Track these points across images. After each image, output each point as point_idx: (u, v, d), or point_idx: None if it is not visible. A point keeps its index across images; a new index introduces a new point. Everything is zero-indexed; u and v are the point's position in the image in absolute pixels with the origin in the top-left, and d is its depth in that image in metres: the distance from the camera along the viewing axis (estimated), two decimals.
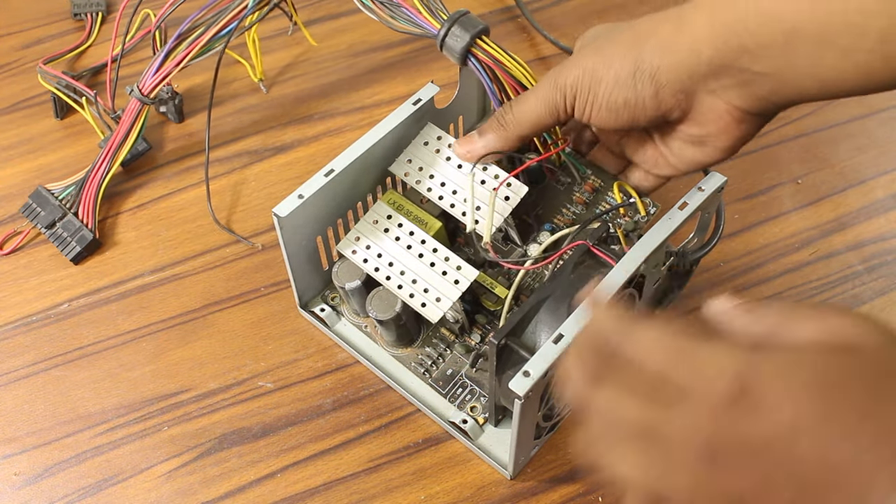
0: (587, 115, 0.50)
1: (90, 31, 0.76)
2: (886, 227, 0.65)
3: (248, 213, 0.66)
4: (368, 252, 0.53)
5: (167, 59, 0.62)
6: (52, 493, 0.54)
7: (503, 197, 0.53)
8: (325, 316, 0.59)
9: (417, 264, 0.53)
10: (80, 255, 0.63)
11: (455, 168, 0.55)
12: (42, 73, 0.71)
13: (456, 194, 0.54)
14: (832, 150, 0.69)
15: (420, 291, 0.52)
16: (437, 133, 0.56)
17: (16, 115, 0.72)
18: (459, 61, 0.55)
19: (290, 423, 0.56)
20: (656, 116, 0.49)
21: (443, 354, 0.56)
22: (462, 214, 0.54)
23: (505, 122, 0.53)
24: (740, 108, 0.47)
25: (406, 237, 0.53)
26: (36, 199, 0.65)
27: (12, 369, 0.59)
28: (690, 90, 0.47)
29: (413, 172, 0.56)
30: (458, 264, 0.52)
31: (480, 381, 0.55)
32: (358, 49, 0.76)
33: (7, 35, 0.78)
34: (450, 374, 0.55)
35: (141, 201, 0.67)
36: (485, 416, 0.54)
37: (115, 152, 0.64)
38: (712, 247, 0.56)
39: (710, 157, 0.51)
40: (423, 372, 0.56)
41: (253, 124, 0.71)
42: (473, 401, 0.54)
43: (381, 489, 0.54)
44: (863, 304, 0.61)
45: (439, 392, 0.55)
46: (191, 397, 0.57)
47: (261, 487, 0.54)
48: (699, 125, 0.49)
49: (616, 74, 0.48)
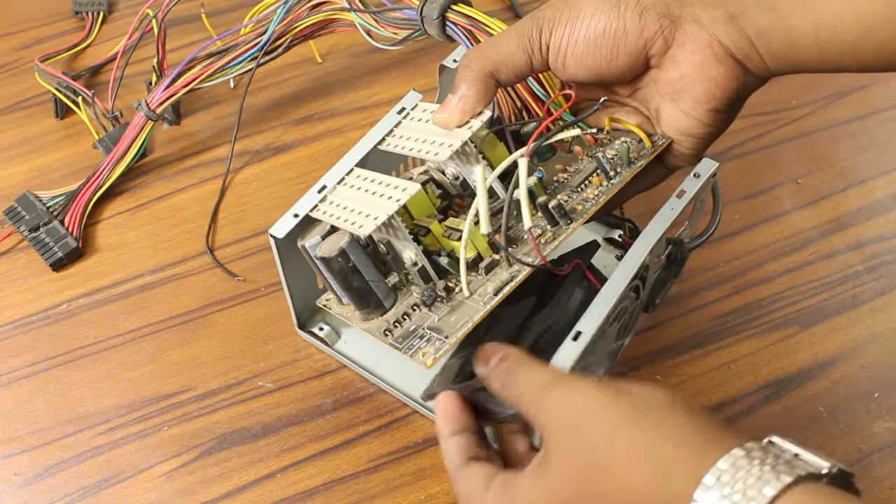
0: (563, 54, 0.47)
1: (90, 29, 0.76)
2: (886, 227, 0.65)
3: (248, 214, 0.66)
4: (330, 206, 0.50)
5: (178, 78, 0.64)
6: (52, 493, 0.54)
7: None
8: (324, 335, 0.58)
9: (362, 196, 0.49)
10: (59, 261, 0.63)
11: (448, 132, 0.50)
12: (40, 72, 0.71)
13: (429, 143, 0.50)
14: (832, 150, 0.69)
15: (356, 215, 0.48)
16: (423, 107, 0.53)
17: (16, 115, 0.72)
18: (439, 31, 0.55)
19: (290, 423, 0.56)
20: (638, 48, 0.46)
21: (409, 314, 0.49)
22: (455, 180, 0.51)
23: (469, 61, 0.48)
24: (723, 44, 0.45)
25: (359, 182, 0.50)
26: (22, 203, 0.65)
27: (12, 369, 0.59)
28: (675, 16, 0.45)
29: (399, 142, 0.52)
30: (397, 184, 0.48)
31: (440, 327, 0.47)
32: (358, 49, 0.76)
33: (7, 35, 0.78)
34: (412, 330, 0.48)
35: (141, 201, 0.67)
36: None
37: (115, 164, 0.65)
38: (713, 231, 0.56)
39: (689, 118, 0.47)
40: (384, 332, 0.49)
41: (253, 124, 0.71)
42: (427, 346, 0.47)
43: (382, 489, 0.54)
44: (863, 303, 0.61)
45: (397, 349, 0.48)
46: (191, 397, 0.57)
47: (261, 487, 0.54)
48: (676, 63, 0.46)
49: (597, 1, 0.46)
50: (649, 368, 0.58)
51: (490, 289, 0.47)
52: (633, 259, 0.48)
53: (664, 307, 0.60)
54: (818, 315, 0.61)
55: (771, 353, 0.59)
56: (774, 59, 0.45)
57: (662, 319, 0.60)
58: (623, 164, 0.49)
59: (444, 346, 0.45)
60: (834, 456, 0.54)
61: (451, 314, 0.47)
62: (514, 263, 0.47)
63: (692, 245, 0.55)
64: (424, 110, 0.52)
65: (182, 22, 0.76)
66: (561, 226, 0.47)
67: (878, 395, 0.57)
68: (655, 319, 0.60)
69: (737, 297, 0.61)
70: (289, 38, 0.64)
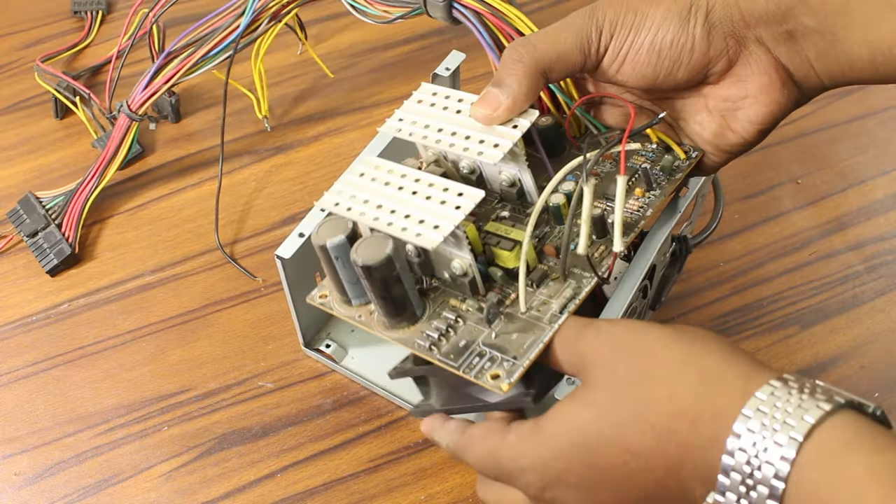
0: (621, 59, 0.45)
1: (89, 29, 0.76)
2: (886, 227, 0.65)
3: (248, 214, 0.66)
4: (353, 201, 0.45)
5: (157, 75, 0.61)
6: (52, 493, 0.54)
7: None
8: (331, 352, 0.58)
9: (411, 199, 0.44)
10: (56, 268, 0.63)
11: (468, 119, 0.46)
12: (39, 72, 0.71)
13: (471, 139, 0.45)
14: (832, 150, 0.69)
15: (414, 224, 0.43)
16: (432, 90, 0.48)
17: (16, 115, 0.72)
18: (444, 13, 0.52)
19: (290, 423, 0.56)
20: (701, 65, 0.45)
21: (453, 326, 0.45)
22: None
23: (521, 55, 0.44)
24: (786, 67, 0.45)
25: (397, 179, 0.45)
26: (24, 205, 0.65)
27: (12, 369, 0.59)
28: (741, 35, 0.44)
29: (410, 128, 0.47)
30: (460, 191, 0.43)
31: (502, 345, 0.43)
32: (358, 49, 0.76)
33: (7, 35, 0.78)
34: (463, 345, 0.44)
35: (140, 201, 0.67)
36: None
37: (105, 166, 0.63)
38: (716, 226, 0.56)
39: (735, 135, 0.47)
40: (430, 347, 0.44)
41: (253, 124, 0.71)
42: (495, 367, 0.42)
43: (382, 489, 0.54)
44: (863, 303, 0.61)
45: (452, 367, 0.43)
46: (191, 397, 0.57)
47: (261, 487, 0.54)
48: (740, 81, 0.45)
49: (667, 10, 0.44)
50: None
51: (555, 306, 0.44)
52: (643, 259, 0.48)
53: (664, 307, 0.60)
54: (818, 315, 0.61)
55: (771, 353, 0.59)
56: (832, 79, 0.45)
57: (662, 319, 0.60)
58: (664, 176, 0.48)
59: (517, 369, 0.42)
60: None
61: (511, 332, 0.43)
62: (569, 276, 0.45)
63: (696, 241, 0.55)
64: (435, 93, 0.48)
65: (182, 22, 0.76)
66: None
67: (878, 395, 0.57)
68: (656, 319, 0.60)
69: (737, 297, 0.61)
70: (268, 17, 0.60)
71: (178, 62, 0.61)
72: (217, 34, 0.60)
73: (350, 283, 0.46)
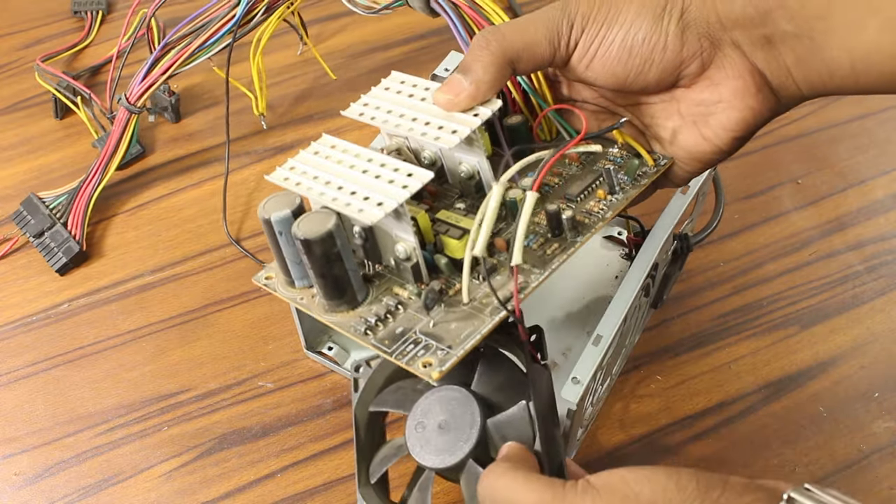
0: (591, 55, 0.44)
1: (89, 29, 0.76)
2: (886, 227, 0.65)
3: (248, 214, 0.66)
4: (303, 177, 0.44)
5: (154, 67, 0.61)
6: (52, 493, 0.54)
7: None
8: (333, 354, 0.58)
9: (360, 177, 0.43)
10: (65, 266, 0.63)
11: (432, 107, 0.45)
12: (40, 72, 0.71)
13: (430, 125, 0.44)
14: (832, 150, 0.69)
15: (359, 200, 0.42)
16: (401, 78, 0.48)
17: (16, 115, 0.72)
18: (422, 3, 0.52)
19: (290, 423, 0.56)
20: (673, 65, 0.44)
21: (393, 313, 0.43)
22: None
23: (488, 42, 0.43)
24: (762, 72, 0.43)
25: (350, 158, 0.44)
26: (27, 206, 0.65)
27: (12, 369, 0.59)
28: (716, 37, 0.43)
29: (372, 112, 0.46)
30: (409, 171, 0.42)
31: (439, 334, 0.42)
32: (357, 49, 0.76)
33: (7, 35, 0.78)
34: (399, 332, 0.42)
35: (140, 202, 0.67)
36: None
37: (107, 162, 0.64)
38: (717, 223, 0.56)
39: (707, 143, 0.45)
40: (366, 331, 0.43)
41: (253, 125, 0.71)
42: (428, 355, 0.41)
43: None
44: (863, 304, 0.61)
45: (385, 352, 0.42)
46: (191, 397, 0.57)
47: (261, 487, 0.54)
48: (714, 85, 0.44)
49: (641, 6, 0.43)
50: (649, 368, 0.58)
51: (496, 298, 0.42)
52: (646, 257, 0.48)
53: (664, 307, 0.60)
54: (818, 315, 0.61)
55: (771, 353, 0.59)
56: (811, 87, 0.44)
57: (662, 319, 0.60)
58: (628, 181, 0.47)
59: (450, 358, 0.40)
60: (834, 456, 0.54)
61: (450, 321, 0.42)
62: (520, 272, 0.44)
63: (697, 239, 0.55)
64: (402, 82, 0.47)
65: (182, 22, 0.76)
66: (567, 239, 0.45)
67: (878, 395, 0.57)
68: (656, 319, 0.60)
69: (737, 297, 0.61)
70: (263, 6, 0.61)
71: (174, 53, 0.61)
72: (213, 24, 0.61)
73: (293, 262, 0.44)
